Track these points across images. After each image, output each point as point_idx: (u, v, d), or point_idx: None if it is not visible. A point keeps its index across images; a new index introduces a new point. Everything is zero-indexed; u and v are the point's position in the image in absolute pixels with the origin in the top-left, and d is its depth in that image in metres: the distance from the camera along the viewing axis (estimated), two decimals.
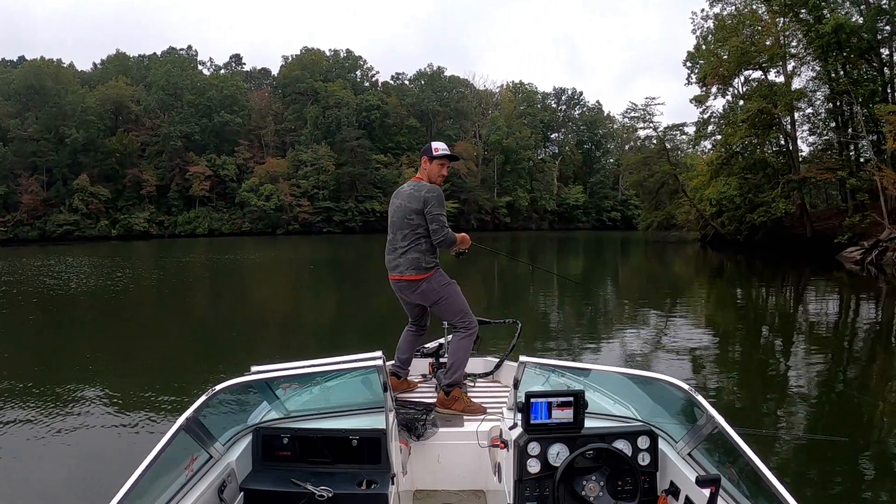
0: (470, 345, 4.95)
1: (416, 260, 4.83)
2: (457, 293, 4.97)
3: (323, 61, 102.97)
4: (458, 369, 4.84)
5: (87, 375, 9.94)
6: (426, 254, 4.84)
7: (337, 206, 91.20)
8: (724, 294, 21.88)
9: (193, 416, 2.89)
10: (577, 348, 11.71)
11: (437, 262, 4.93)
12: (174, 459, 2.79)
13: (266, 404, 3.81)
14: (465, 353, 4.92)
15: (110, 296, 20.80)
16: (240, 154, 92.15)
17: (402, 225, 4.89)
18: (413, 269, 4.84)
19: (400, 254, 4.90)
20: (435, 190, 4.83)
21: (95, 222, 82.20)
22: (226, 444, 3.37)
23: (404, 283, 4.93)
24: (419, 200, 4.79)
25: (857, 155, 40.90)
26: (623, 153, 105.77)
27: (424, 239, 4.83)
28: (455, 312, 4.95)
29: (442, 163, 4.98)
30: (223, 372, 9.80)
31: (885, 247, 30.05)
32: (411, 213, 4.82)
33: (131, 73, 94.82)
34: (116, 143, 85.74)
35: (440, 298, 4.92)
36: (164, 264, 34.59)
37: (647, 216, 59.88)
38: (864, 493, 5.45)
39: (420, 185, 4.89)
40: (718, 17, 45.89)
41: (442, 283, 4.92)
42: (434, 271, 4.89)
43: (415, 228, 4.82)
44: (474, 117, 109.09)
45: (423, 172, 5.00)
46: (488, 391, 5.07)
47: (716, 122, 48.56)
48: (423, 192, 4.80)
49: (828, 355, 11.55)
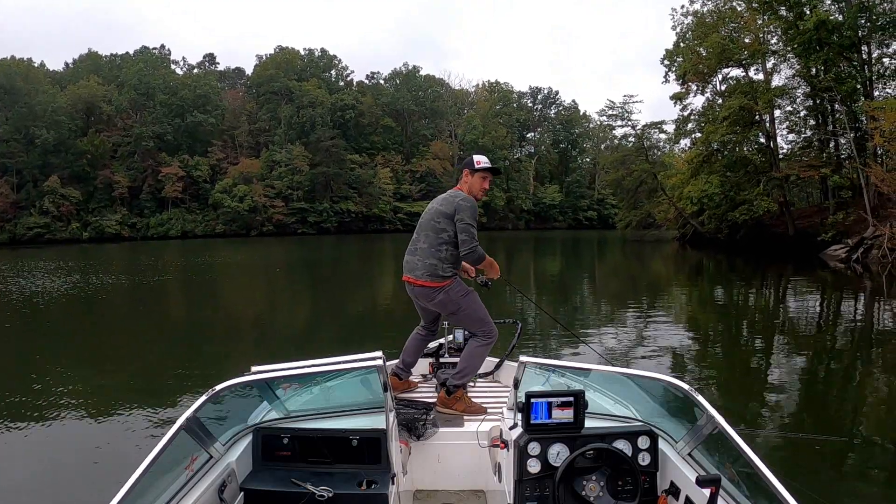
0: (486, 353, 4.91)
1: (433, 266, 4.73)
2: (476, 302, 4.87)
3: (297, 60, 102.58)
4: (468, 374, 4.79)
5: (65, 382, 9.77)
6: (445, 262, 4.73)
7: (311, 207, 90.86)
8: (711, 293, 21.94)
9: (193, 416, 2.90)
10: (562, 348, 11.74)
11: (455, 271, 4.83)
12: (174, 459, 2.80)
13: (266, 404, 3.81)
14: (479, 360, 4.88)
15: (86, 299, 20.54)
16: (213, 154, 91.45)
17: (428, 227, 4.80)
18: (429, 276, 4.74)
19: (419, 256, 4.81)
20: (469, 200, 4.76)
21: (66, 225, 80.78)
22: (226, 444, 3.37)
23: (419, 288, 4.83)
24: (452, 206, 4.72)
25: (838, 152, 41.24)
26: (599, 152, 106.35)
27: (447, 246, 4.73)
28: (474, 322, 4.87)
29: (484, 176, 4.92)
30: (202, 376, 9.76)
31: (870, 244, 29.89)
32: (440, 216, 4.75)
33: (103, 73, 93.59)
34: (88, 143, 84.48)
35: (459, 308, 4.82)
36: (141, 267, 34.04)
37: (626, 215, 60.19)
38: (863, 493, 5.48)
39: (457, 193, 4.84)
40: (698, 13, 46.27)
41: (460, 293, 4.81)
42: (451, 280, 4.79)
43: (439, 233, 4.73)
44: (450, 117, 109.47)
45: (465, 185, 4.93)
46: (488, 391, 5.08)
47: (696, 119, 48.87)
48: (457, 200, 4.74)
49: (825, 355, 11.65)
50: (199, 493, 2.87)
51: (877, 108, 32.43)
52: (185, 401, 8.06)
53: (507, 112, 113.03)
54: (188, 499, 2.80)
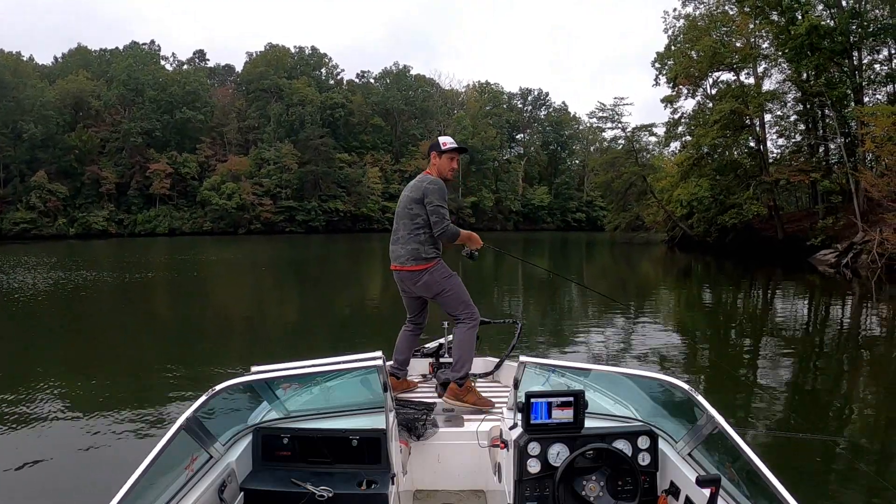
0: (474, 336, 4.99)
1: (415, 251, 4.88)
2: (459, 284, 5.01)
3: (287, 58, 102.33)
4: (466, 361, 4.86)
5: (47, 380, 9.65)
6: (425, 244, 4.89)
7: (300, 206, 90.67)
8: (700, 296, 22.04)
9: (193, 416, 2.88)
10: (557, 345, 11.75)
11: (438, 253, 4.97)
12: (174, 459, 2.78)
13: (266, 404, 3.80)
14: (470, 345, 4.95)
15: (74, 296, 20.40)
16: (201, 152, 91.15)
17: (404, 215, 4.97)
18: (413, 260, 4.90)
19: (401, 244, 4.96)
20: (436, 182, 4.89)
21: (53, 220, 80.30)
22: (226, 444, 3.36)
23: (405, 273, 4.99)
24: (420, 191, 4.87)
25: (828, 157, 41.35)
26: (588, 154, 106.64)
27: (423, 230, 4.88)
28: (457, 304, 4.97)
29: (451, 156, 5.08)
30: (189, 376, 9.71)
31: (860, 249, 29.65)
32: (411, 202, 4.90)
33: (92, 68, 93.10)
34: (76, 139, 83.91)
35: (442, 290, 4.95)
36: (128, 264, 33.81)
37: (615, 217, 60.37)
38: (863, 493, 5.51)
39: (424, 178, 4.97)
40: (690, 17, 46.29)
41: (444, 275, 4.96)
42: (435, 262, 4.94)
43: (413, 218, 4.88)
44: (440, 117, 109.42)
45: (433, 167, 5.06)
46: (488, 391, 5.06)
47: (686, 122, 48.81)
48: (424, 184, 4.88)
49: (823, 357, 11.77)
50: (199, 493, 2.85)
51: (869, 113, 32.37)
52: (172, 399, 8.03)
53: (497, 113, 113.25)
54: (188, 499, 2.79)
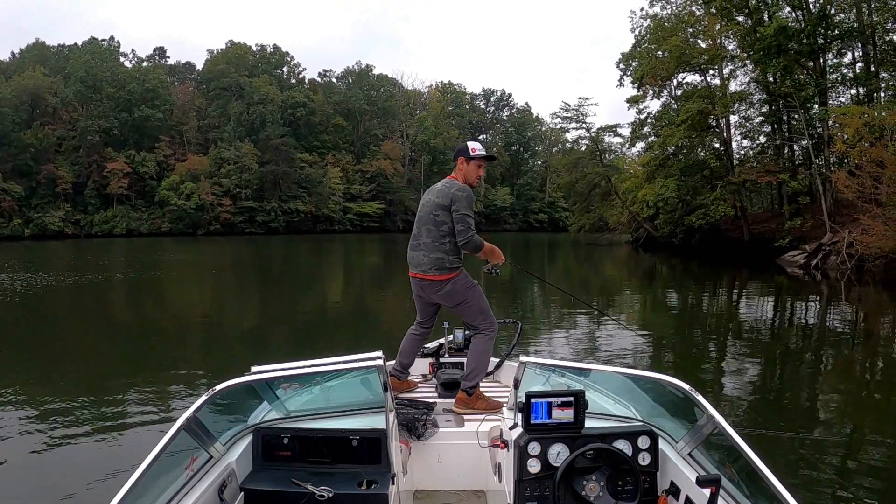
0: (491, 347, 4.95)
1: (440, 260, 4.78)
2: (480, 295, 4.95)
3: (249, 56, 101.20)
4: (480, 372, 4.82)
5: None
6: (450, 254, 4.78)
7: (260, 206, 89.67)
8: (664, 296, 22.22)
9: (194, 415, 2.87)
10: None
11: (460, 262, 4.88)
12: (174, 459, 2.80)
13: (266, 404, 3.80)
14: (487, 356, 4.93)
15: (28, 299, 20.06)
16: (160, 151, 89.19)
17: (428, 221, 4.83)
18: (436, 270, 4.79)
19: (423, 252, 4.84)
20: (465, 189, 4.77)
21: (8, 221, 77.85)
22: (226, 444, 3.35)
23: (427, 282, 4.88)
24: (447, 197, 4.74)
25: (794, 158, 41.84)
26: (551, 155, 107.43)
27: (449, 238, 4.76)
28: (477, 314, 4.92)
29: (479, 164, 4.93)
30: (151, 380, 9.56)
31: (829, 250, 29.72)
32: (438, 209, 4.77)
33: (50, 64, 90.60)
34: (32, 136, 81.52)
35: (464, 300, 4.89)
36: (86, 266, 33.14)
37: (578, 218, 60.35)
38: (863, 492, 5.55)
39: (452, 183, 4.84)
40: (657, 17, 46.64)
41: (466, 285, 4.89)
42: (458, 272, 4.85)
43: (439, 226, 4.76)
44: (402, 117, 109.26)
45: (459, 173, 4.93)
46: (488, 391, 5.05)
47: (652, 123, 49.07)
48: (452, 190, 4.76)
49: (819, 357, 11.97)
50: (199, 493, 2.85)
51: (842, 113, 32.22)
52: (159, 402, 7.92)
53: (460, 113, 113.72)
54: (188, 499, 2.79)
